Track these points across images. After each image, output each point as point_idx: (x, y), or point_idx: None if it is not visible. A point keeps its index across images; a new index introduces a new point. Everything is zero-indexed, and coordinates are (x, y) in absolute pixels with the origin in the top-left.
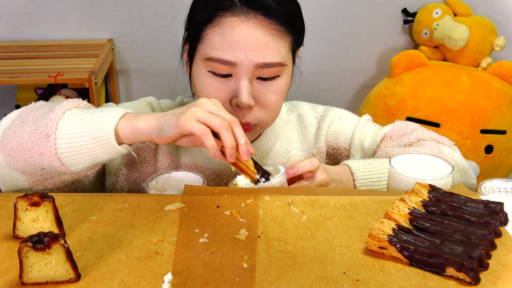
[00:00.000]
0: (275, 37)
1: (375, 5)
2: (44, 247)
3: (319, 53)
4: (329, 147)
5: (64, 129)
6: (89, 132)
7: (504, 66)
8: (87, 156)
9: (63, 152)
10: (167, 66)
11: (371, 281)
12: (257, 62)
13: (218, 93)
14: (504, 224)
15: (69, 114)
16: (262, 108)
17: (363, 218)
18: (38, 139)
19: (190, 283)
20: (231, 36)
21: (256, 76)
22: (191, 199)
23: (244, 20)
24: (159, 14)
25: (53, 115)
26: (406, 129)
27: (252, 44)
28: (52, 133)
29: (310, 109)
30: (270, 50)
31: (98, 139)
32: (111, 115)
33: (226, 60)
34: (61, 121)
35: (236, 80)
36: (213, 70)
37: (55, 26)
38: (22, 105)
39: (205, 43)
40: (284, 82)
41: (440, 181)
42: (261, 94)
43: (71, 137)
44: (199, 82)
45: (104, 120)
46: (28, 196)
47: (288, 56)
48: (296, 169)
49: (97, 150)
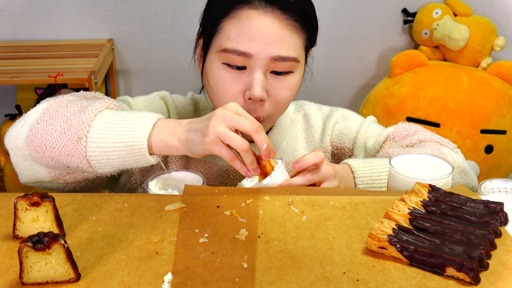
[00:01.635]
0: (291, 32)
1: (375, 5)
2: (44, 247)
3: (319, 53)
4: (333, 147)
5: (96, 133)
6: (121, 139)
7: (504, 66)
8: (117, 162)
9: (93, 156)
10: (167, 66)
11: (371, 281)
12: (272, 54)
13: (232, 85)
14: (504, 224)
15: (101, 117)
16: (274, 103)
17: (363, 218)
18: (68, 139)
19: (190, 283)
20: (248, 28)
21: (271, 69)
22: (191, 199)
23: (261, 13)
24: (159, 14)
25: (85, 117)
26: (409, 131)
27: (268, 36)
28: (83, 136)
29: (317, 109)
30: (286, 44)
31: (130, 148)
32: (144, 123)
33: (242, 51)
34: (93, 124)
35: (250, 72)
36: (228, 62)
37: (55, 26)
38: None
39: (221, 35)
40: (296, 79)
41: (440, 181)
42: (274, 89)
43: (103, 141)
44: (213, 74)
45: (137, 128)
46: (28, 196)
47: (302, 53)
48: (302, 163)
49: (128, 158)
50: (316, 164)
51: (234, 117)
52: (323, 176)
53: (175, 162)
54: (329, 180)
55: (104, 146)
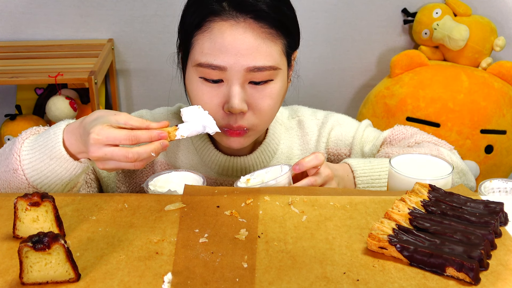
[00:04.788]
0: (266, 41)
1: (375, 5)
2: (44, 247)
3: (319, 53)
4: (329, 153)
5: (26, 159)
6: (45, 154)
7: (504, 66)
8: (55, 178)
9: (34, 180)
10: (167, 66)
11: (371, 281)
12: (248, 66)
13: (210, 99)
14: (504, 224)
15: (28, 142)
16: (256, 113)
17: (363, 218)
18: (10, 175)
19: (190, 283)
20: (221, 41)
21: (248, 80)
22: (191, 199)
23: (233, 24)
24: (159, 14)
25: (15, 149)
26: (406, 134)
27: (242, 48)
28: (18, 166)
29: (311, 115)
30: (262, 54)
31: (56, 159)
32: (55, 132)
33: (216, 65)
34: (22, 152)
35: (227, 85)
36: (204, 76)
37: (55, 26)
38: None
39: (195, 49)
40: (278, 87)
41: (440, 181)
42: (255, 99)
43: (34, 164)
44: (192, 88)
45: (51, 139)
46: (28, 196)
47: (281, 59)
48: (302, 165)
49: (60, 169)
50: (316, 167)
51: (109, 137)
52: (323, 179)
53: None
54: (328, 184)
55: (37, 168)
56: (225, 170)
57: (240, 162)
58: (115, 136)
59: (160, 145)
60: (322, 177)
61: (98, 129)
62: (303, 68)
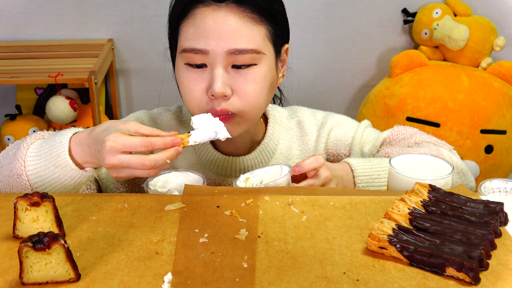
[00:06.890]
0: (248, 24)
1: (375, 5)
2: (44, 247)
3: (319, 53)
4: (329, 154)
5: (31, 165)
6: (50, 162)
7: (504, 66)
8: (59, 186)
9: (38, 186)
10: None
11: (371, 281)
12: (229, 48)
13: (196, 84)
14: (504, 224)
15: (33, 148)
16: (242, 97)
17: (363, 218)
18: (14, 180)
19: (190, 283)
20: (203, 25)
21: (231, 64)
22: (191, 199)
23: (215, 9)
24: (159, 14)
25: (20, 154)
26: (405, 134)
27: (223, 31)
28: (22, 172)
29: (310, 116)
30: (243, 36)
31: (61, 167)
32: (61, 141)
33: (198, 48)
34: (27, 158)
35: (211, 69)
36: (188, 62)
37: (55, 26)
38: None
39: (181, 36)
40: (262, 72)
41: (440, 181)
42: (239, 84)
43: (39, 170)
44: (179, 76)
45: (57, 147)
46: (28, 196)
47: (265, 44)
48: (302, 167)
49: (63, 178)
50: (316, 169)
51: (125, 144)
52: (323, 181)
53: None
54: (326, 185)
55: (41, 175)
56: (223, 170)
57: (238, 162)
58: (130, 143)
59: (175, 152)
60: (321, 179)
61: (114, 136)
62: (303, 68)
